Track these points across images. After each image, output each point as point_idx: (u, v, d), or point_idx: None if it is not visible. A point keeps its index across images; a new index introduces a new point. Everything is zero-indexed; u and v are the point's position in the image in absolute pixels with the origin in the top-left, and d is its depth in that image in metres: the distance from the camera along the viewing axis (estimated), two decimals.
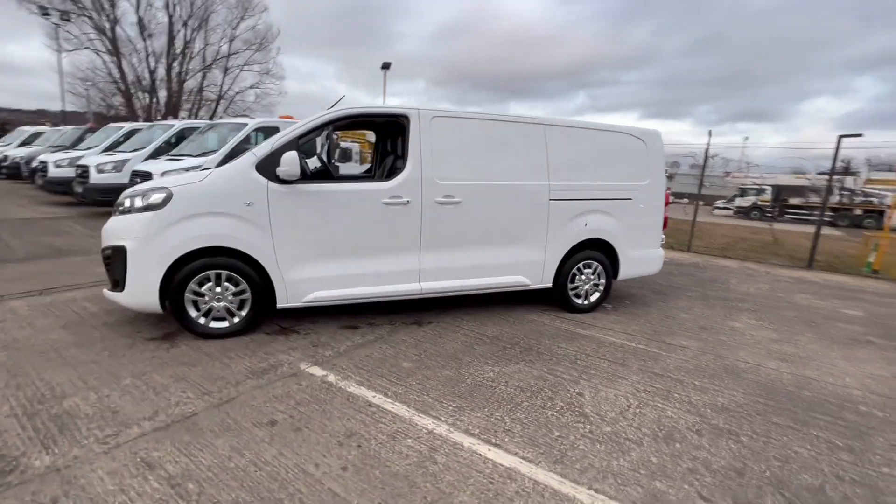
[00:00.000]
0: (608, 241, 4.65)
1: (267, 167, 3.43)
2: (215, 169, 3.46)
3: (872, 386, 3.38)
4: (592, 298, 4.76)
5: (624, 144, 4.73)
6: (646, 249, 4.94)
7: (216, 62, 29.21)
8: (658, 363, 3.56)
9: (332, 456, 2.21)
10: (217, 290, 3.44)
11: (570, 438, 2.47)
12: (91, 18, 24.78)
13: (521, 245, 4.31)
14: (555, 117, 4.46)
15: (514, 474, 2.15)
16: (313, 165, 4.70)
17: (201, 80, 29.52)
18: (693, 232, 10.08)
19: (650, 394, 3.04)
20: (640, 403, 2.90)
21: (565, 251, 4.48)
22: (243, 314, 3.55)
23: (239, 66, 29.77)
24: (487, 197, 4.09)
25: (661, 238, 5.06)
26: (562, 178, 4.36)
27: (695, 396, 3.04)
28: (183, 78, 28.55)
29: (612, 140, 4.68)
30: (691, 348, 3.93)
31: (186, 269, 3.33)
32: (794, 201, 28.36)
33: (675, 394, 3.06)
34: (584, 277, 4.67)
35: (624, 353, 3.71)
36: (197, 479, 2.00)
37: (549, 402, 2.85)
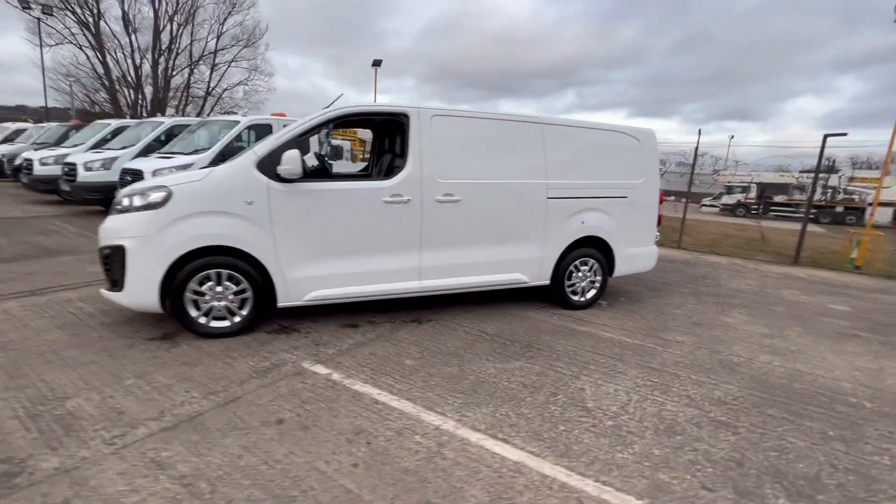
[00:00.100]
0: (604, 238, 4.72)
1: (267, 166, 3.42)
2: (215, 168, 3.44)
3: (861, 378, 3.49)
4: (589, 295, 4.83)
5: (619, 143, 4.80)
6: (640, 247, 5.02)
7: (203, 58, 28.80)
8: (655, 358, 3.63)
9: (342, 453, 2.23)
10: (218, 289, 3.42)
11: (575, 432, 2.52)
12: (74, 12, 24.26)
13: (520, 243, 4.36)
14: (552, 116, 4.50)
15: (522, 468, 2.19)
16: (310, 164, 4.69)
17: (188, 76, 29.09)
18: (683, 229, 10.25)
19: (649, 388, 3.10)
20: (641, 398, 2.97)
21: (562, 249, 4.54)
22: (244, 313, 3.53)
23: (227, 63, 29.40)
24: (487, 195, 4.12)
25: (655, 235, 5.14)
26: (559, 177, 4.41)
27: (692, 390, 3.12)
28: (169, 74, 28.09)
29: (607, 139, 4.75)
30: (686, 343, 4.01)
31: (187, 268, 3.30)
32: (778, 199, 28.97)
33: (674, 388, 3.13)
34: (580, 275, 4.74)
35: (622, 349, 3.78)
36: (209, 478, 2.01)
37: (551, 398, 2.90)
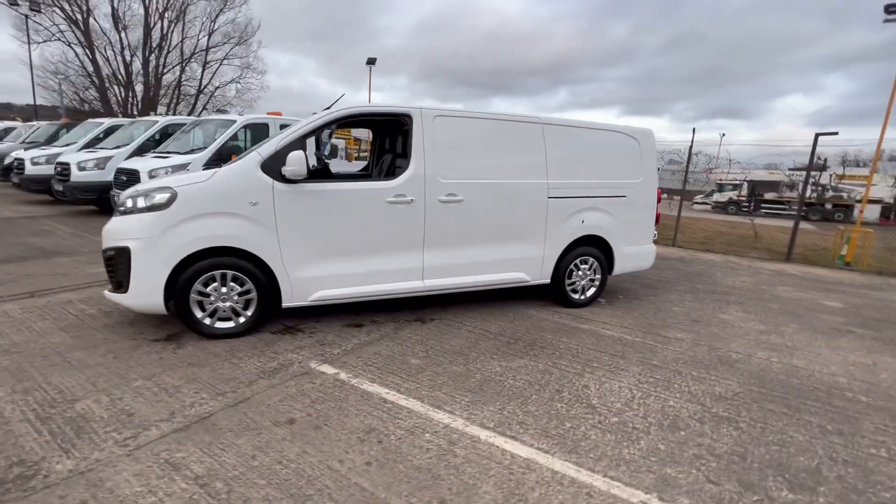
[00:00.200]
0: (604, 237, 4.78)
1: (272, 166, 3.43)
2: (220, 169, 3.44)
3: (856, 373, 3.58)
4: (589, 293, 4.89)
5: (618, 143, 4.85)
6: (639, 245, 5.08)
7: (195, 56, 28.51)
8: (656, 355, 3.69)
9: (354, 452, 2.25)
10: (223, 290, 3.43)
11: (582, 429, 2.57)
12: (62, 9, 23.89)
13: (521, 242, 4.40)
14: (552, 116, 4.54)
15: (532, 465, 2.23)
16: (311, 164, 4.69)
17: (179, 74, 28.79)
18: (678, 227, 10.36)
19: (652, 385, 3.16)
20: (644, 394, 3.02)
21: (563, 248, 4.59)
22: (249, 314, 3.54)
23: (218, 61, 29.12)
24: (489, 195, 4.15)
25: (654, 234, 5.21)
26: (560, 177, 4.46)
27: (694, 386, 3.18)
28: (160, 72, 27.77)
29: (606, 139, 4.80)
30: (686, 340, 4.08)
31: (192, 269, 3.31)
32: (768, 196, 29.34)
33: (675, 384, 3.19)
34: (580, 273, 4.79)
35: (623, 346, 3.84)
36: (224, 478, 2.02)
37: (557, 395, 2.94)
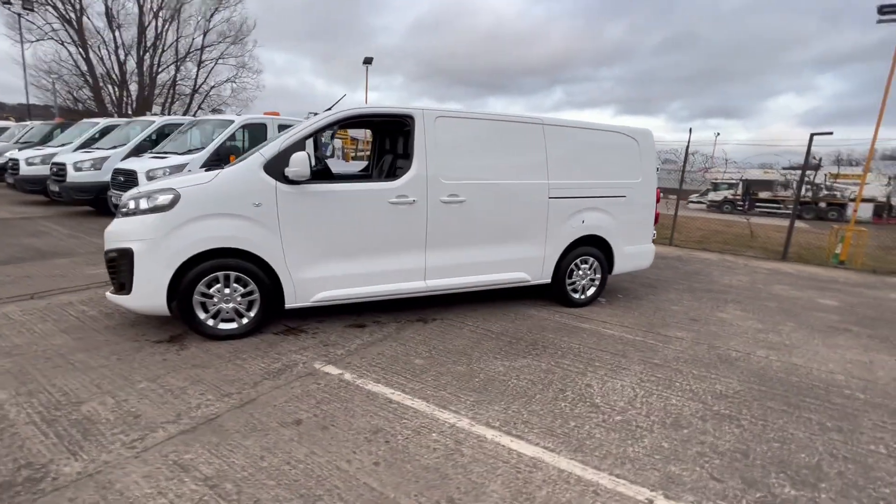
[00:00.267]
0: (604, 237, 4.81)
1: (275, 167, 3.43)
2: (222, 170, 3.44)
3: (853, 371, 3.63)
4: (589, 293, 4.92)
5: (618, 143, 4.88)
6: (638, 245, 5.12)
7: (190, 55, 28.36)
8: (657, 354, 3.73)
9: (362, 452, 2.27)
10: (226, 291, 3.43)
11: (586, 428, 2.60)
12: (55, 8, 23.68)
13: (523, 242, 4.42)
14: (553, 117, 4.57)
15: (538, 463, 2.25)
16: (311, 164, 4.69)
17: (174, 73, 28.61)
18: (675, 226, 10.43)
19: (654, 383, 3.19)
20: (646, 393, 3.05)
21: (564, 248, 4.62)
22: (252, 315, 3.54)
23: (214, 60, 28.98)
24: (490, 196, 4.17)
25: (653, 233, 5.25)
26: (560, 177, 4.48)
27: (695, 385, 3.21)
28: (155, 71, 27.59)
29: (606, 139, 4.83)
30: (685, 339, 4.12)
31: (195, 270, 3.30)
32: (762, 195, 29.58)
33: (677, 383, 3.23)
34: (580, 273, 4.82)
35: (624, 346, 3.87)
36: (233, 479, 2.03)
37: (560, 394, 2.97)
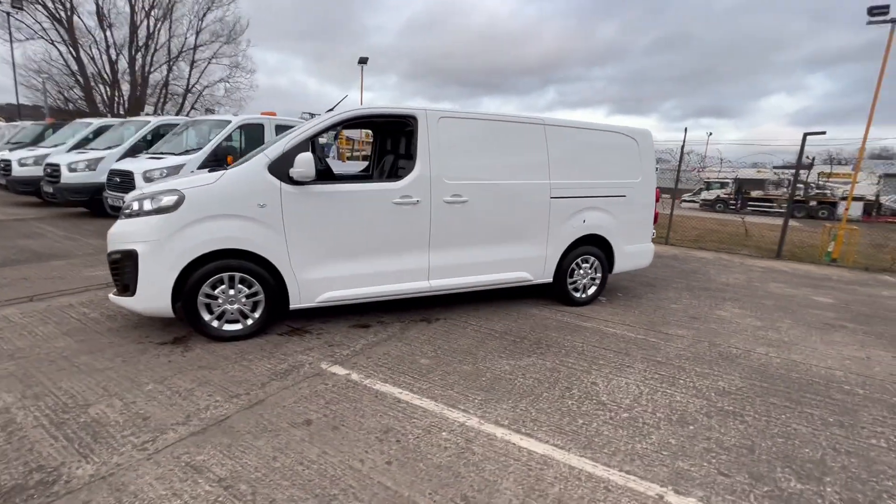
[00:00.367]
0: (605, 236, 4.85)
1: (279, 168, 3.43)
2: (226, 171, 3.43)
3: (851, 367, 3.69)
4: (590, 292, 4.96)
5: (618, 143, 4.93)
6: (638, 244, 5.17)
7: (182, 55, 28.10)
8: (659, 352, 3.77)
9: (374, 451, 2.28)
10: (230, 292, 3.42)
11: (594, 425, 2.62)
12: (45, 6, 23.37)
13: (525, 242, 4.45)
14: (554, 117, 4.60)
15: (549, 461, 2.28)
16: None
17: (167, 73, 28.35)
18: (671, 225, 10.52)
19: (658, 381, 3.23)
20: (651, 390, 3.09)
21: (565, 247, 4.65)
22: (257, 316, 3.54)
23: (207, 59, 28.74)
24: (493, 196, 4.19)
25: (652, 233, 5.30)
26: (562, 177, 4.52)
27: (698, 382, 3.25)
28: (147, 71, 27.32)
29: (606, 139, 4.87)
30: (686, 337, 4.17)
31: (199, 271, 3.29)
32: (754, 194, 29.92)
33: (680, 380, 3.27)
34: (581, 272, 4.86)
35: (626, 344, 3.91)
36: (247, 479, 2.04)
37: (567, 392, 2.99)
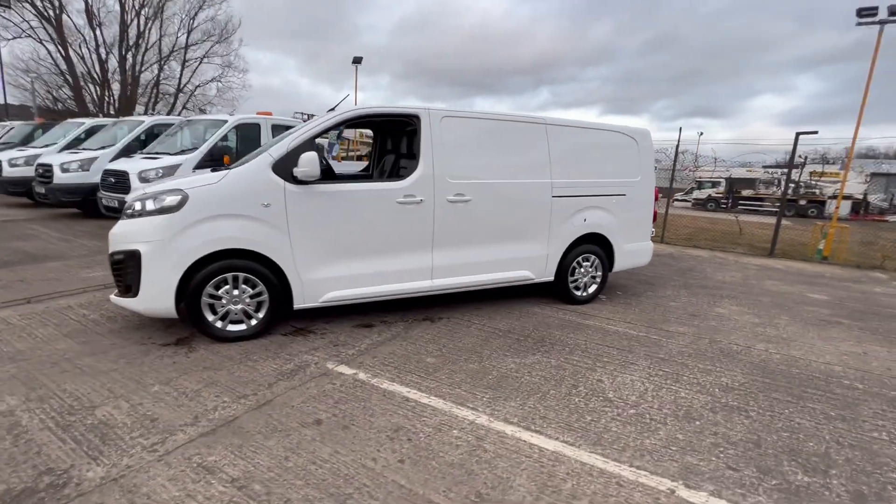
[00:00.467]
0: (605, 235, 4.89)
1: (283, 168, 3.41)
2: (230, 170, 3.41)
3: (849, 362, 3.75)
4: (590, 290, 4.99)
5: (618, 143, 4.96)
6: (638, 242, 5.21)
7: (173, 54, 27.84)
8: (661, 349, 3.80)
9: (386, 450, 2.28)
10: (234, 292, 3.40)
11: (602, 422, 2.64)
12: (33, 5, 23.01)
13: (526, 241, 4.47)
14: (555, 117, 4.62)
15: (560, 457, 2.29)
16: None
17: (157, 72, 28.06)
18: (665, 224, 10.61)
19: (662, 377, 3.26)
20: (656, 387, 3.12)
21: (566, 246, 4.68)
22: (261, 316, 3.52)
23: (198, 59, 28.50)
24: (495, 195, 4.21)
25: (651, 231, 5.35)
26: (563, 176, 4.54)
27: (702, 378, 3.29)
28: (138, 70, 27.03)
29: (607, 139, 4.90)
30: (687, 334, 4.21)
31: (203, 272, 3.27)
32: (745, 193, 30.30)
33: (684, 377, 3.30)
34: (582, 270, 4.89)
35: (629, 341, 3.94)
36: (260, 480, 2.03)
37: (573, 390, 3.01)
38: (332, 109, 4.24)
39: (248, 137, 8.23)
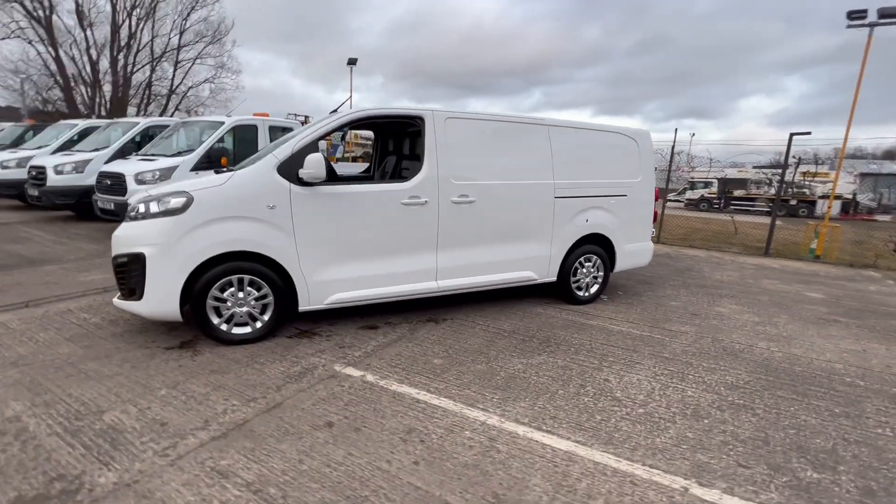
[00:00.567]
0: (607, 235, 4.91)
1: (288, 169, 3.40)
2: (235, 172, 3.39)
3: (850, 359, 3.81)
4: (592, 290, 5.02)
5: (618, 144, 5.00)
6: (638, 243, 5.25)
7: (166, 55, 27.60)
8: (665, 348, 3.83)
9: (399, 452, 2.27)
10: (240, 295, 3.38)
11: (612, 421, 2.66)
12: (23, 5, 22.71)
13: (530, 241, 4.49)
14: (557, 118, 4.65)
15: (573, 457, 2.30)
16: None
17: (150, 73, 27.80)
18: (661, 224, 10.69)
19: (668, 376, 3.29)
20: (662, 386, 3.14)
21: (569, 246, 4.70)
22: (266, 319, 3.50)
23: (191, 60, 28.27)
24: (499, 196, 4.22)
25: (652, 231, 5.39)
26: (565, 177, 4.57)
27: (707, 377, 3.32)
28: (129, 71, 26.74)
29: (607, 140, 4.94)
30: (690, 333, 4.25)
31: (208, 274, 3.25)
32: (737, 193, 30.65)
33: (690, 375, 3.33)
34: (584, 271, 4.91)
35: (633, 341, 3.97)
36: (276, 483, 2.01)
37: (581, 389, 3.03)
38: (335, 111, 4.23)
39: (245, 139, 8.18)
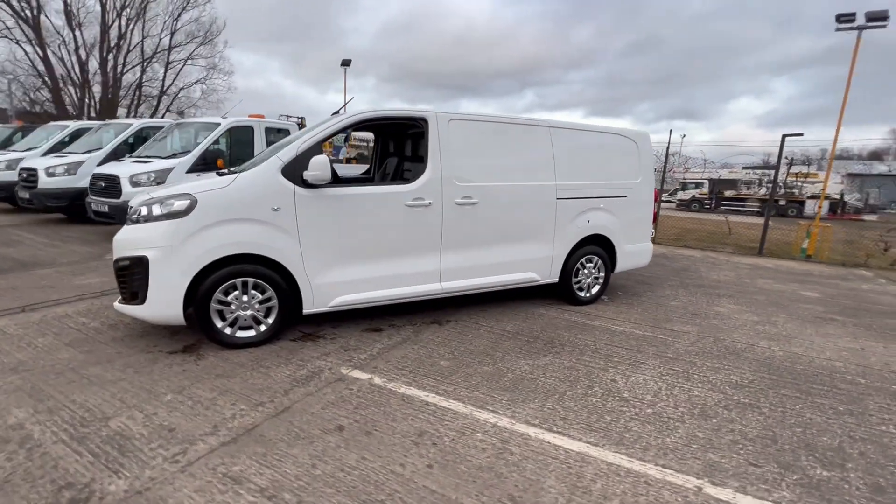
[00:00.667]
0: (608, 236, 4.94)
1: (293, 171, 3.37)
2: (239, 174, 3.35)
3: (849, 358, 3.86)
4: (593, 291, 5.04)
5: (618, 145, 5.03)
6: (639, 243, 5.28)
7: (156, 56, 27.32)
8: (669, 348, 3.86)
9: (412, 455, 2.26)
10: (244, 298, 3.34)
11: (622, 421, 2.67)
12: (10, 5, 22.35)
13: (532, 243, 4.50)
14: (558, 119, 4.67)
15: (586, 458, 2.30)
16: None
17: (140, 74, 27.49)
18: (657, 225, 10.77)
19: (673, 376, 3.31)
20: (669, 385, 3.16)
21: (571, 247, 4.72)
22: (270, 322, 3.47)
23: (182, 61, 28.01)
24: (502, 197, 4.22)
25: (652, 232, 5.43)
26: (567, 178, 4.58)
27: (711, 376, 3.35)
28: (119, 72, 26.43)
29: (608, 141, 4.97)
30: (691, 333, 4.28)
31: (212, 277, 3.21)
32: (728, 193, 31.02)
33: (695, 375, 3.35)
34: (585, 271, 4.93)
35: (636, 341, 3.99)
36: (290, 488, 1.99)
37: (589, 390, 3.04)
38: (337, 113, 4.21)
39: (241, 141, 8.11)
